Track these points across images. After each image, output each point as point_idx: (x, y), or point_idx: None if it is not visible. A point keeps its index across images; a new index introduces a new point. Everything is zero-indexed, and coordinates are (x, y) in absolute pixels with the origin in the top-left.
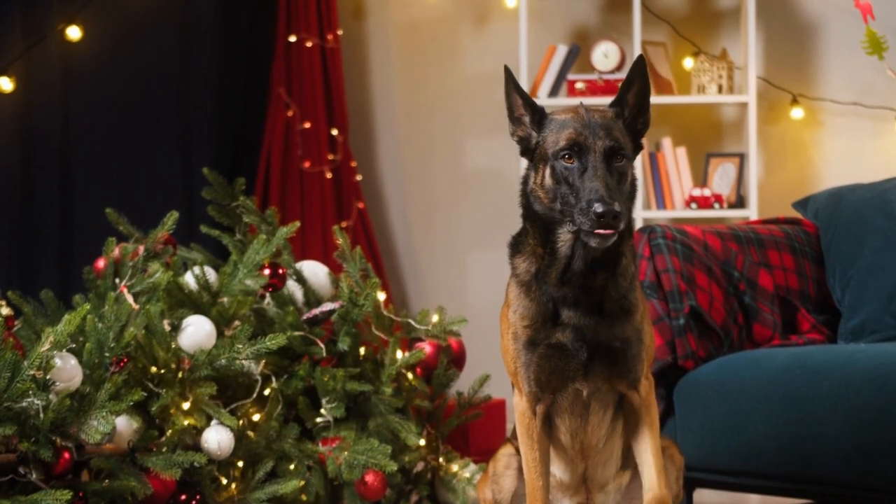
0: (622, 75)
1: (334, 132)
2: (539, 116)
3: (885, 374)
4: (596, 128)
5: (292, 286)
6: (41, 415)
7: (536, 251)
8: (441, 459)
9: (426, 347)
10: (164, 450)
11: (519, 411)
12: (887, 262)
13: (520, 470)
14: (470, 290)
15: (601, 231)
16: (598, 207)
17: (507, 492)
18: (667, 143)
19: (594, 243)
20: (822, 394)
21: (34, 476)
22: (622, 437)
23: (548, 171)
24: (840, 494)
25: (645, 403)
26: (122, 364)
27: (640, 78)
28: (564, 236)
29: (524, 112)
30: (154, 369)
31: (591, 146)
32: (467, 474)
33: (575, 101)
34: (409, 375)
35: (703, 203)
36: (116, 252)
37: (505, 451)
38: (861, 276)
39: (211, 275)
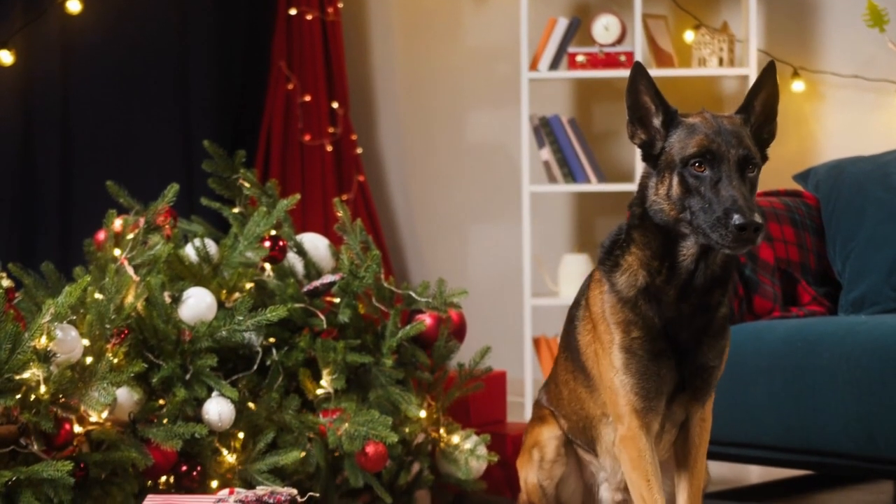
0: (623, 48)
1: (335, 105)
2: (670, 119)
3: (886, 345)
4: (727, 135)
5: (293, 258)
6: (42, 386)
7: (651, 265)
8: (442, 431)
9: (426, 319)
10: (164, 421)
11: (627, 438)
12: (888, 234)
13: (568, 456)
14: (470, 262)
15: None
16: (738, 219)
17: (556, 478)
18: None
19: (729, 251)
20: (822, 365)
21: (35, 447)
22: None
23: (675, 181)
24: (840, 465)
25: (706, 418)
26: (122, 336)
27: (768, 84)
28: (689, 250)
29: (652, 113)
30: (155, 341)
31: (725, 154)
32: (468, 446)
33: (576, 74)
34: (410, 347)
35: None
36: (117, 224)
37: (550, 434)
38: (861, 249)
39: (211, 247)
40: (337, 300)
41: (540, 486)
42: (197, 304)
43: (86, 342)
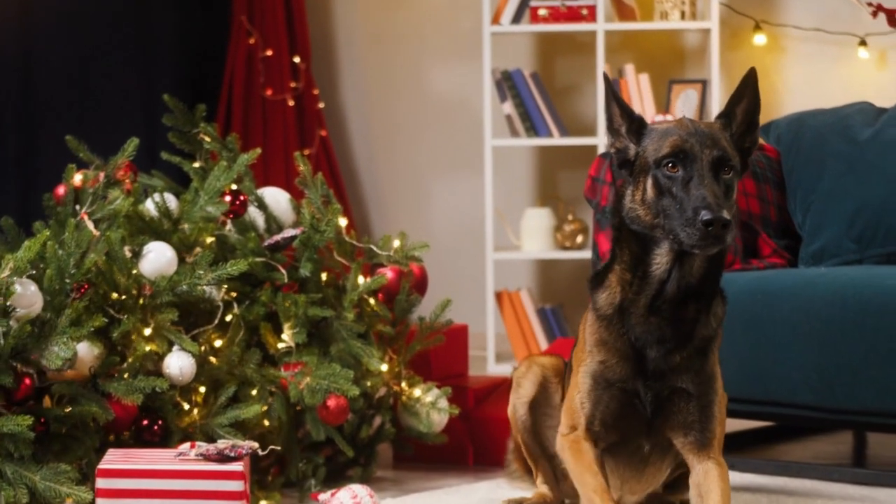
0: (585, 2)
1: (296, 60)
2: (637, 126)
3: (845, 297)
4: (703, 136)
5: (254, 213)
6: (1, 341)
7: (624, 277)
8: (403, 384)
9: (388, 273)
10: (125, 375)
11: (572, 440)
12: (847, 186)
13: (542, 379)
14: (432, 216)
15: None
16: (706, 215)
17: (525, 396)
18: (629, 69)
19: (698, 250)
20: (782, 317)
21: None
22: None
23: (649, 183)
24: (800, 416)
25: (717, 473)
26: (82, 290)
27: (750, 93)
28: (662, 257)
29: (622, 122)
30: (115, 295)
31: (698, 154)
32: (430, 399)
33: (538, 28)
34: (371, 301)
35: None
36: (77, 179)
37: (526, 360)
38: (821, 201)
39: (172, 201)
40: (298, 254)
41: (513, 406)
42: (157, 258)
43: (46, 297)
